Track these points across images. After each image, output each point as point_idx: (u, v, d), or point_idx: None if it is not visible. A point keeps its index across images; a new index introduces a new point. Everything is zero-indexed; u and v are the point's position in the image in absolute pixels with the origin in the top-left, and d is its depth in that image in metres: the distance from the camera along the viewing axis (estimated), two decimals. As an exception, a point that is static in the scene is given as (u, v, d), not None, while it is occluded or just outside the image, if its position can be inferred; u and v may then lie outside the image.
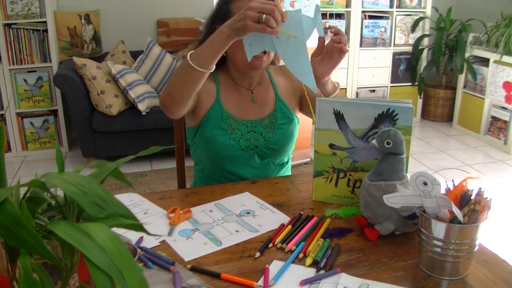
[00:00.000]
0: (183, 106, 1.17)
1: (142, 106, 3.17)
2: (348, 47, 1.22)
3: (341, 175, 1.14)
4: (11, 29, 3.29)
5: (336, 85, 1.28)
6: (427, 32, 4.30)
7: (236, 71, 1.35)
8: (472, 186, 0.88)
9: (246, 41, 1.04)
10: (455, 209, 0.81)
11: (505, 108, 3.70)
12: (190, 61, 1.07)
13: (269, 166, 1.39)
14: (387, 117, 1.05)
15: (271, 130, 1.36)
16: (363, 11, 4.10)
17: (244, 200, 1.17)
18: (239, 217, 1.08)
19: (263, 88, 1.40)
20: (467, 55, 4.02)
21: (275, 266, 0.88)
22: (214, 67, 1.11)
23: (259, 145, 1.34)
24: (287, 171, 1.47)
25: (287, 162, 1.45)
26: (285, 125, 1.38)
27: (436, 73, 4.40)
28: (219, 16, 1.31)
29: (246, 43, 1.04)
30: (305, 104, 1.41)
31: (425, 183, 0.83)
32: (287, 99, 1.41)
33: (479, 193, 0.86)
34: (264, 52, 1.26)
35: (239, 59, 1.29)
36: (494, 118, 3.82)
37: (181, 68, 1.11)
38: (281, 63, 1.48)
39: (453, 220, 0.84)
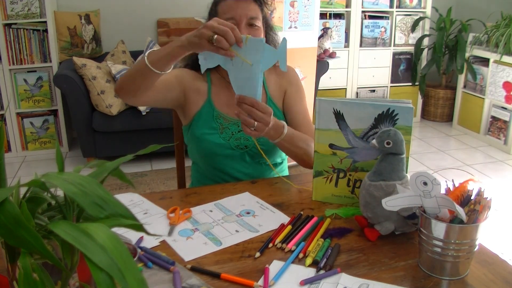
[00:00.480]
0: (132, 96, 1.20)
1: (142, 106, 3.17)
2: (254, 127, 1.11)
3: (341, 175, 1.14)
4: (11, 29, 3.29)
5: (282, 126, 1.22)
6: (427, 32, 4.30)
7: (225, 72, 1.36)
8: (472, 186, 0.88)
9: (201, 55, 1.07)
10: (458, 208, 0.81)
11: (505, 108, 3.71)
12: (146, 58, 1.11)
13: (260, 166, 1.38)
14: (387, 117, 1.05)
15: None
16: (363, 11, 4.11)
17: (244, 200, 1.17)
18: (239, 217, 1.08)
19: None
20: (467, 55, 4.02)
21: (275, 266, 0.88)
22: (168, 70, 1.13)
23: (249, 145, 1.34)
24: (283, 171, 1.47)
25: (281, 163, 1.44)
26: None
27: (436, 73, 4.40)
28: (210, 16, 1.33)
29: (201, 57, 1.07)
30: (285, 110, 1.42)
31: (425, 183, 0.83)
32: (277, 100, 1.41)
33: (479, 193, 0.86)
34: None
35: None
36: (494, 118, 3.82)
37: (138, 62, 1.15)
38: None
39: (453, 220, 0.84)
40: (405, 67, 4.38)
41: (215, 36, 0.99)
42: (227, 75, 1.37)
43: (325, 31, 3.83)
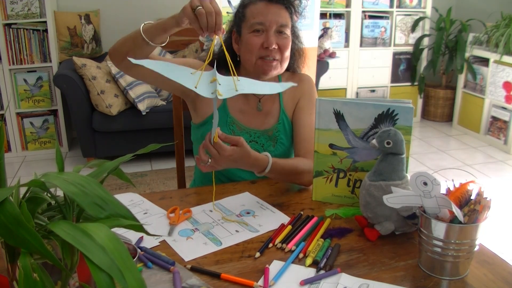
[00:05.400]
0: (121, 60, 1.20)
1: (142, 106, 3.17)
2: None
3: (341, 175, 1.14)
4: (11, 29, 3.29)
5: (266, 161, 1.17)
6: (427, 32, 4.30)
7: (247, 75, 1.34)
8: (472, 186, 0.88)
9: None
10: (455, 209, 0.81)
11: (505, 108, 3.70)
12: (141, 26, 1.13)
13: (268, 177, 1.37)
14: (387, 117, 1.05)
15: (273, 144, 1.34)
16: (363, 11, 4.10)
17: (244, 200, 1.17)
18: (239, 217, 1.08)
19: (270, 98, 1.37)
20: (467, 55, 4.02)
21: (275, 266, 0.88)
22: (159, 42, 1.13)
23: None
24: None
25: None
26: (286, 141, 1.36)
27: (436, 73, 4.40)
28: (236, 20, 1.31)
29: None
30: (293, 121, 1.40)
31: (425, 183, 0.83)
32: (289, 110, 1.38)
33: (479, 193, 0.86)
34: (275, 59, 1.26)
35: (248, 61, 1.28)
36: (494, 118, 3.82)
37: (134, 30, 1.17)
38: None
39: (453, 220, 0.84)
40: (405, 67, 4.37)
41: (199, 8, 1.00)
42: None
43: (325, 31, 3.83)
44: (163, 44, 1.16)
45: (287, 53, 1.29)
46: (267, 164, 1.16)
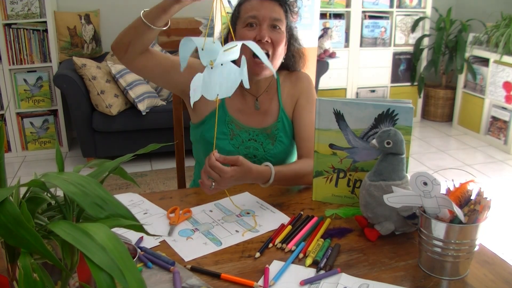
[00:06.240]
0: (124, 52, 1.21)
1: (142, 106, 3.17)
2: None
3: (341, 175, 1.14)
4: (11, 29, 3.29)
5: (269, 173, 1.16)
6: (427, 32, 4.30)
7: None
8: (472, 186, 0.88)
9: (192, 86, 0.96)
10: (456, 209, 0.81)
11: (505, 108, 3.71)
12: (141, 12, 1.14)
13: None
14: (387, 117, 1.05)
15: (272, 142, 1.34)
16: (363, 11, 4.11)
17: (244, 200, 1.17)
18: (239, 217, 1.08)
19: (268, 97, 1.37)
20: (467, 55, 4.02)
21: (275, 266, 0.88)
22: (160, 25, 1.14)
23: (258, 155, 1.32)
24: None
25: None
26: (286, 140, 1.36)
27: (436, 73, 4.40)
28: (232, 18, 1.32)
29: (191, 88, 0.96)
30: (293, 121, 1.39)
31: (425, 183, 0.83)
32: (288, 109, 1.38)
33: (479, 193, 0.86)
34: (267, 53, 1.26)
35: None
36: (494, 118, 3.82)
37: (135, 19, 1.18)
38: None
39: (453, 220, 0.84)
40: (405, 67, 4.38)
41: None
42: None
43: (325, 31, 3.83)
44: (165, 28, 1.16)
45: (280, 49, 1.29)
46: (270, 175, 1.16)
